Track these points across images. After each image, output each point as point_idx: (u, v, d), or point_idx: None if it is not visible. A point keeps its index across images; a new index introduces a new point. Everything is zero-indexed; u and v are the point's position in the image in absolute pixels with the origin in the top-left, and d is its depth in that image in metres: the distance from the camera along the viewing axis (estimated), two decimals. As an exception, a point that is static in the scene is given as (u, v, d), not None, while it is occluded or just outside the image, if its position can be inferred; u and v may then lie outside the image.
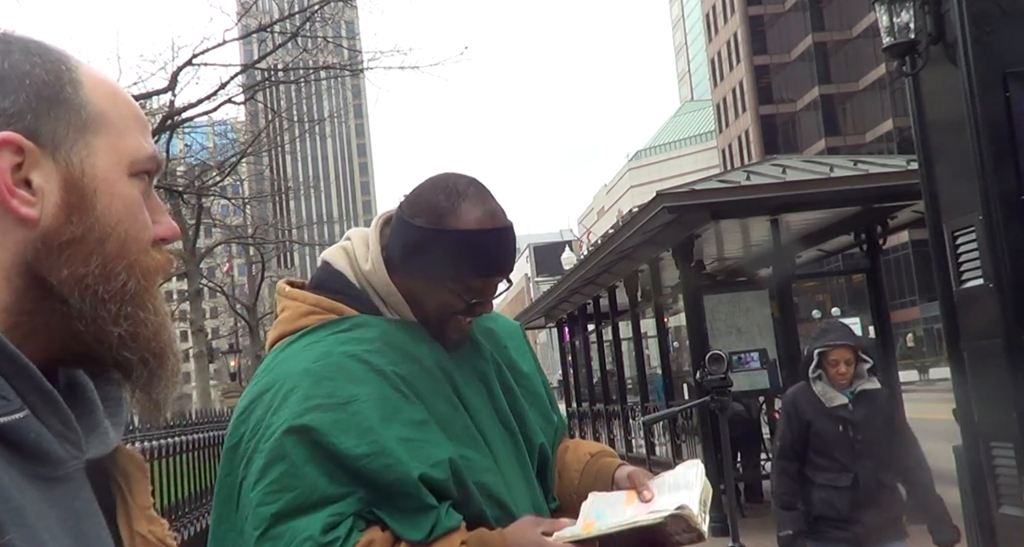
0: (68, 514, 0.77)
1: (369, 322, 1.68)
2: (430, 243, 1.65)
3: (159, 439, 5.14)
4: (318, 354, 1.62)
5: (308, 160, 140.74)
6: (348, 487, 1.54)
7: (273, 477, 1.54)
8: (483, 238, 1.65)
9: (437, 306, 1.68)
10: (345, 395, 1.57)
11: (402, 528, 1.55)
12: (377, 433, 1.55)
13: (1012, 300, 4.92)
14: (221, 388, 34.79)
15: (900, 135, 55.12)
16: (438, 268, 1.65)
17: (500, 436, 1.73)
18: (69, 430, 0.78)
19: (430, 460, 1.56)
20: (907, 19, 5.59)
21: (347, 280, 1.73)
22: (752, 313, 10.18)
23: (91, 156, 0.82)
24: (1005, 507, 5.12)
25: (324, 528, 1.51)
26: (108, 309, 0.81)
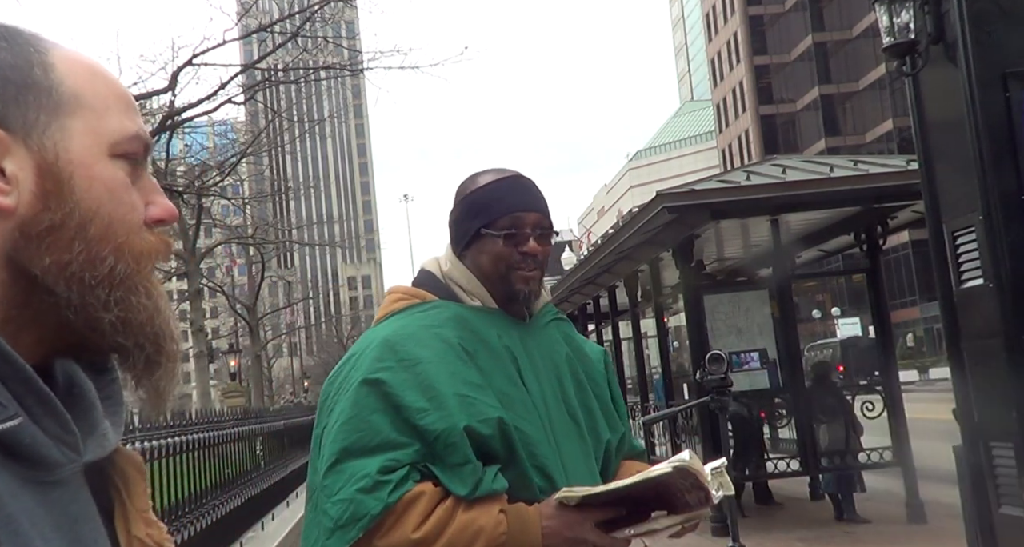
0: (64, 519, 0.75)
1: (445, 305, 1.92)
2: (462, 212, 1.96)
3: (159, 439, 5.14)
4: (397, 327, 1.88)
5: (308, 160, 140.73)
6: (408, 438, 1.73)
7: (344, 420, 1.77)
8: (496, 185, 1.94)
9: (493, 261, 1.90)
10: (413, 358, 1.80)
11: (449, 481, 1.72)
12: (436, 390, 1.76)
13: (1012, 300, 4.92)
14: (221, 388, 34.79)
15: (900, 135, 55.11)
16: (472, 223, 1.92)
17: (565, 422, 1.89)
18: (66, 433, 0.76)
19: (479, 416, 1.75)
20: (907, 19, 5.59)
21: (435, 277, 1.99)
22: (752, 313, 10.18)
23: (65, 139, 0.80)
24: (1005, 507, 5.12)
25: (382, 469, 1.71)
26: (97, 295, 0.79)
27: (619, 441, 2.01)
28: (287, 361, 65.95)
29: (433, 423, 1.73)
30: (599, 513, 1.73)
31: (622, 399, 2.16)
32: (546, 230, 1.93)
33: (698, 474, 1.68)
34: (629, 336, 13.38)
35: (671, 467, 1.66)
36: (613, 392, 2.08)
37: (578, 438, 1.89)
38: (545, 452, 1.80)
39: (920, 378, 38.95)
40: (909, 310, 56.02)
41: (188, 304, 27.02)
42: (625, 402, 9.08)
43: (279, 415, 11.17)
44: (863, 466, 9.55)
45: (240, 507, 7.05)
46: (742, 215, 9.62)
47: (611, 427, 1.99)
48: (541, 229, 1.92)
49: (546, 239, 1.93)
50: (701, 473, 1.69)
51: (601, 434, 1.95)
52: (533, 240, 1.90)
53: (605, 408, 2.00)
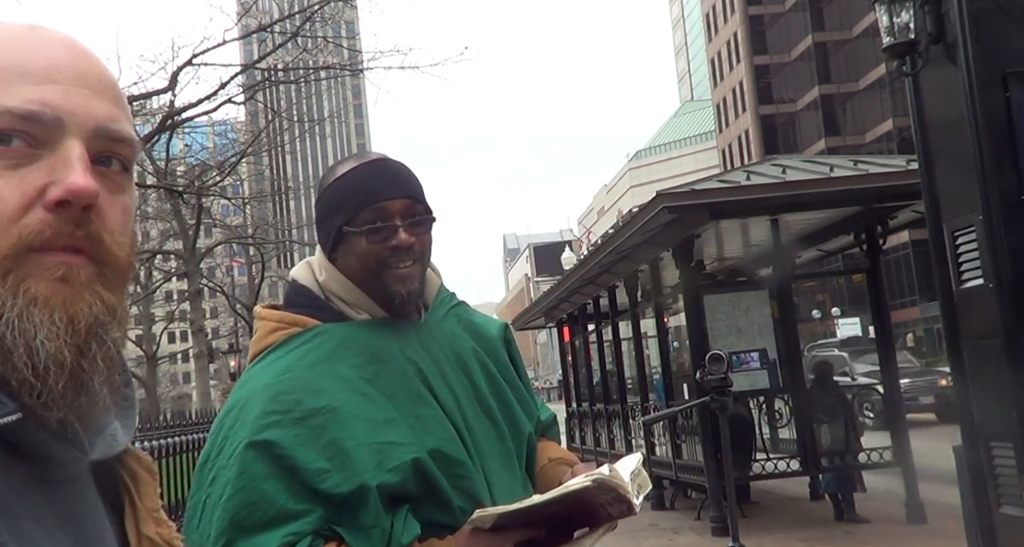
0: (70, 516, 0.75)
1: (329, 330, 1.69)
2: (322, 210, 1.74)
3: (159, 439, 5.14)
4: (279, 369, 1.63)
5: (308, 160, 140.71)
6: (308, 504, 1.53)
7: (232, 492, 1.54)
8: (354, 173, 1.71)
9: (362, 260, 1.69)
10: (304, 409, 1.57)
11: (358, 544, 1.54)
12: (337, 445, 1.56)
13: (1012, 300, 4.92)
14: (221, 388, 34.79)
15: (900, 135, 55.10)
16: (333, 222, 1.71)
17: (483, 426, 1.74)
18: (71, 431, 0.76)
19: (390, 464, 1.57)
20: (907, 19, 5.59)
21: (311, 292, 1.75)
22: (752, 313, 10.18)
23: None
24: (1005, 507, 5.11)
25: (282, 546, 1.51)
26: None
27: (535, 424, 1.87)
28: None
29: (337, 486, 1.53)
30: (517, 534, 1.58)
31: (525, 370, 1.99)
32: (419, 217, 1.69)
33: (619, 488, 1.58)
34: (629, 336, 13.35)
35: (590, 481, 1.56)
36: (517, 366, 1.92)
37: (498, 440, 1.75)
38: (467, 472, 1.65)
39: (920, 378, 38.90)
40: (909, 310, 56.00)
41: (188, 304, 27.01)
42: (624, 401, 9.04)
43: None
44: (863, 466, 9.55)
45: (240, 507, 7.05)
46: (742, 215, 9.61)
47: (528, 413, 1.85)
48: (412, 217, 1.68)
49: (421, 227, 1.70)
50: (623, 486, 1.59)
51: (522, 428, 1.80)
52: (403, 231, 1.67)
53: (518, 393, 1.85)
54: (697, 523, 9.90)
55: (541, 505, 1.56)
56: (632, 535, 9.32)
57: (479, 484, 1.66)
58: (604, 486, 1.57)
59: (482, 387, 1.78)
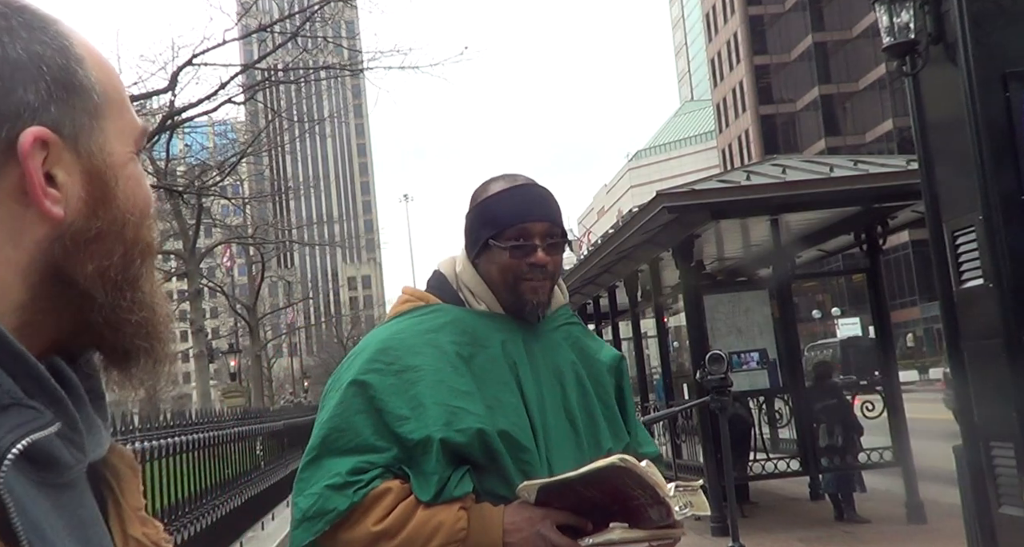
0: (75, 522, 0.73)
1: (446, 308, 1.96)
2: (473, 220, 1.98)
3: (159, 439, 5.13)
4: (395, 331, 1.93)
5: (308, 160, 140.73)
6: (386, 443, 1.79)
7: (329, 417, 1.83)
8: (505, 195, 1.95)
9: (502, 271, 1.92)
10: (402, 364, 1.84)
11: (417, 486, 1.77)
12: (418, 399, 1.80)
13: (1012, 300, 4.92)
14: (221, 388, 34.80)
15: (900, 135, 55.11)
16: (481, 233, 1.94)
17: (562, 428, 1.91)
18: (75, 433, 0.74)
19: (457, 425, 1.78)
20: (907, 19, 5.59)
21: (446, 280, 2.02)
22: (752, 313, 10.18)
23: (107, 144, 0.78)
24: (1005, 507, 5.11)
25: (354, 470, 1.77)
26: (126, 296, 0.78)
27: (623, 449, 1.97)
28: (287, 361, 65.93)
29: (411, 432, 1.77)
30: (561, 515, 1.75)
31: (633, 407, 2.15)
32: (556, 239, 1.93)
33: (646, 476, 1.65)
34: (629, 336, 13.37)
35: (617, 459, 1.66)
36: (624, 399, 2.09)
37: (574, 444, 1.90)
38: (530, 458, 1.82)
39: (920, 378, 38.97)
40: (909, 310, 56.01)
41: (188, 304, 27.01)
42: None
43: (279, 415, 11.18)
44: (863, 466, 9.55)
45: (240, 507, 7.05)
46: (742, 215, 9.61)
47: (614, 434, 1.99)
48: (550, 239, 1.92)
49: (556, 249, 1.93)
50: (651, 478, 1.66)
51: (602, 441, 1.94)
52: (541, 251, 1.91)
53: (610, 415, 2.00)
54: (697, 523, 9.90)
55: (575, 479, 1.68)
56: (632, 535, 9.31)
57: (540, 472, 1.81)
58: (634, 473, 1.65)
59: (571, 396, 1.95)
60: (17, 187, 0.74)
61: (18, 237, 0.74)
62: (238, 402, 26.57)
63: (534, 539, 1.73)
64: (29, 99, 0.74)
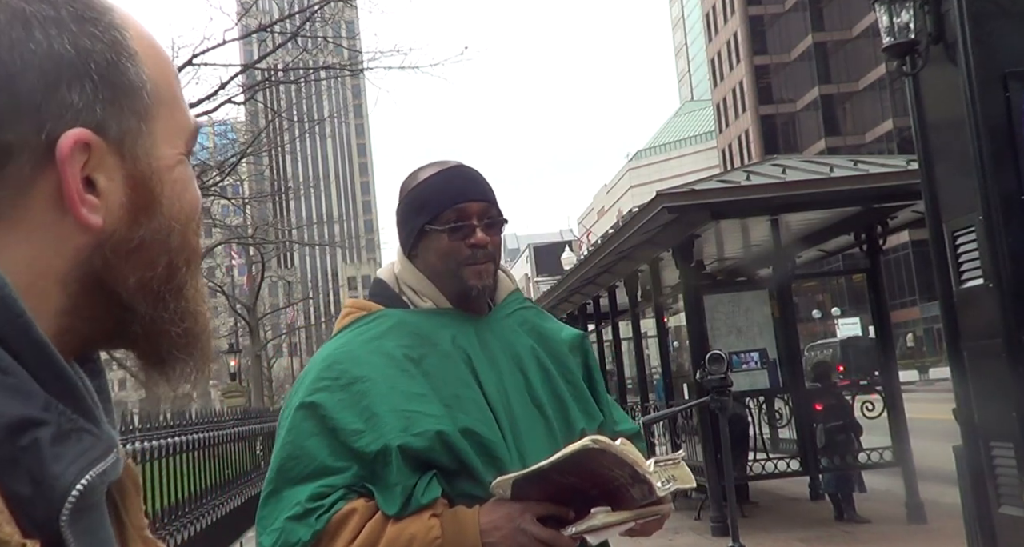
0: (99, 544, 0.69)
1: (388, 314, 1.89)
2: (405, 211, 1.93)
3: (159, 439, 5.14)
4: (338, 345, 1.87)
5: (308, 160, 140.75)
6: (345, 462, 1.72)
7: (282, 445, 1.77)
8: (435, 178, 1.91)
9: (442, 257, 1.87)
10: (349, 377, 1.77)
11: (381, 500, 1.71)
12: (372, 410, 1.73)
13: (1012, 300, 4.92)
14: (221, 388, 34.78)
15: (900, 135, 55.09)
16: (416, 221, 1.89)
17: (529, 416, 1.85)
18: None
19: (414, 430, 1.72)
20: (907, 19, 5.59)
21: (386, 285, 1.96)
22: (752, 313, 10.17)
23: (155, 147, 0.72)
24: (1005, 507, 5.11)
25: (311, 496, 1.70)
26: (168, 307, 0.73)
27: (598, 428, 1.93)
28: (287, 361, 65.93)
29: (367, 445, 1.71)
30: (540, 507, 1.68)
31: (603, 383, 2.09)
32: (493, 219, 1.88)
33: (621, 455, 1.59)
34: (629, 336, 13.36)
35: (589, 441, 1.59)
36: (592, 378, 2.03)
37: (545, 430, 1.84)
38: (499, 452, 1.76)
39: (920, 378, 38.95)
40: (909, 310, 55.99)
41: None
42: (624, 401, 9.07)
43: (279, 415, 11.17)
44: (863, 466, 9.55)
45: (240, 507, 7.04)
46: (742, 215, 9.61)
47: (586, 414, 1.93)
48: (488, 219, 1.87)
49: (494, 228, 1.88)
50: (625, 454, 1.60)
51: (573, 423, 1.88)
52: (480, 231, 1.85)
53: (578, 394, 1.94)
54: (697, 523, 9.90)
55: (548, 467, 1.62)
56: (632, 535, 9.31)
57: (512, 465, 1.75)
58: (609, 453, 1.59)
59: (534, 381, 1.89)
60: (56, 192, 0.69)
61: (58, 244, 0.70)
62: (238, 402, 26.56)
63: (515, 535, 1.66)
64: (73, 99, 0.69)
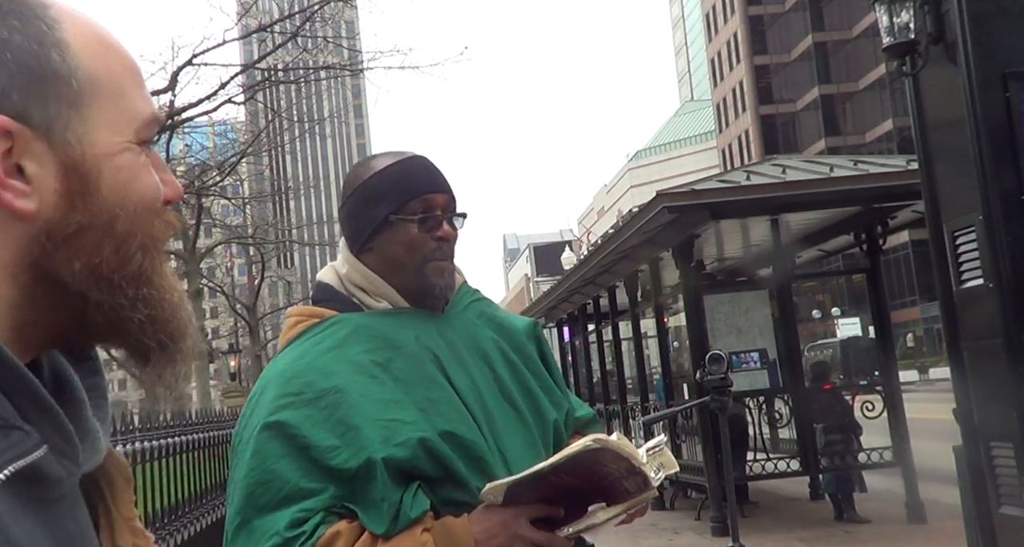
0: (63, 537, 0.70)
1: (344, 319, 1.75)
2: (360, 202, 1.78)
3: (159, 439, 5.13)
4: (295, 356, 1.71)
5: (308, 160, 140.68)
6: (320, 482, 1.57)
7: (247, 471, 1.60)
8: (398, 167, 1.78)
9: (407, 251, 1.75)
10: (315, 390, 1.63)
11: (368, 520, 1.57)
12: (346, 423, 1.60)
13: (1012, 300, 4.92)
14: (221, 388, 34.75)
15: (900, 135, 55.09)
16: (377, 211, 1.75)
17: (504, 412, 1.76)
18: (69, 446, 0.71)
19: (395, 440, 1.60)
20: (907, 19, 5.59)
21: (332, 288, 1.81)
22: (752, 313, 10.18)
23: (89, 132, 0.73)
24: (1005, 507, 5.11)
25: (291, 524, 1.55)
26: (126, 294, 0.74)
27: (565, 417, 1.88)
28: (287, 361, 65.82)
29: (346, 461, 1.57)
30: (533, 510, 1.61)
31: (558, 368, 2.02)
32: (458, 213, 1.80)
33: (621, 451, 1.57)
34: (629, 336, 13.35)
35: (591, 440, 1.56)
36: (549, 365, 1.95)
37: (521, 426, 1.76)
38: (480, 452, 1.67)
39: (920, 378, 38.94)
40: (909, 310, 55.99)
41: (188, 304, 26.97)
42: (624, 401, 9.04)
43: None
44: (863, 466, 9.55)
45: (240, 507, 7.04)
46: (742, 215, 9.61)
47: (555, 404, 1.87)
48: (451, 212, 1.79)
49: (458, 221, 1.80)
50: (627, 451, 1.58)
51: (546, 415, 1.81)
52: (446, 223, 1.76)
53: (544, 385, 1.87)
54: (697, 523, 9.90)
55: (547, 470, 1.56)
56: (632, 535, 9.32)
57: (495, 465, 1.68)
58: (608, 450, 1.57)
59: (503, 375, 1.80)
60: None
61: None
62: (238, 402, 26.54)
63: (511, 542, 1.59)
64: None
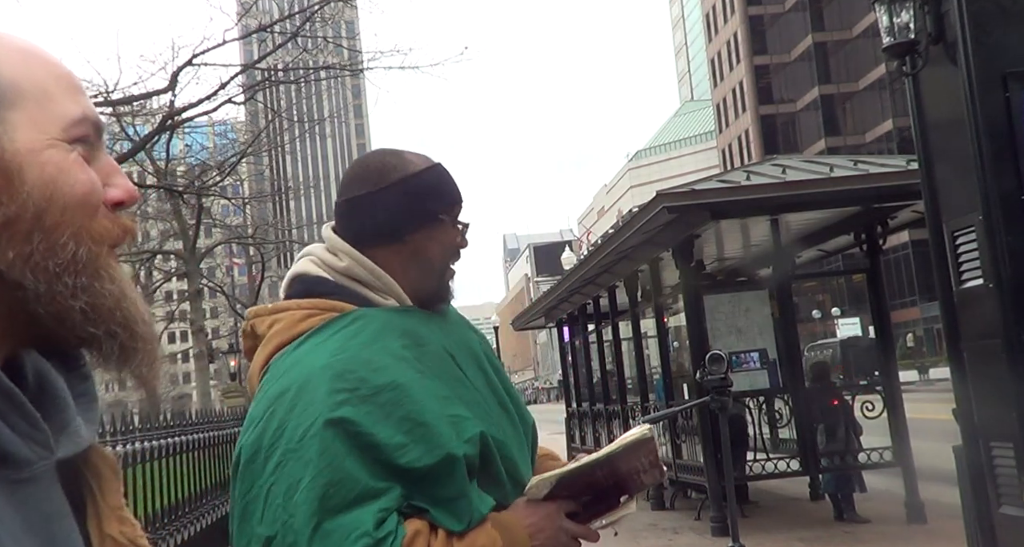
0: (36, 517, 0.75)
1: (368, 313, 1.66)
2: (411, 191, 1.70)
3: (159, 439, 5.14)
4: (332, 350, 1.58)
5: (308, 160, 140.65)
6: (385, 482, 1.51)
7: (316, 472, 1.49)
8: (439, 170, 1.75)
9: (441, 251, 1.72)
10: (370, 386, 1.54)
11: (443, 517, 1.53)
12: (413, 419, 1.53)
13: (1012, 300, 4.92)
14: (221, 388, 34.75)
15: (900, 135, 55.09)
16: (427, 206, 1.70)
17: (502, 413, 1.73)
18: (36, 430, 0.75)
19: (464, 436, 1.56)
20: (907, 19, 5.59)
21: (332, 282, 1.71)
22: (752, 313, 10.18)
23: (9, 132, 0.78)
24: (1005, 507, 5.11)
25: (376, 523, 1.48)
26: (64, 283, 0.78)
27: None
28: (287, 361, 65.78)
29: (419, 459, 1.51)
30: (565, 504, 1.65)
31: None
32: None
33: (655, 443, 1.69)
34: (629, 336, 13.35)
35: (647, 429, 1.65)
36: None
37: (511, 424, 1.75)
38: (510, 453, 1.66)
39: (920, 378, 38.96)
40: (909, 310, 55.99)
41: (188, 304, 27.02)
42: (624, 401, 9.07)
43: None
44: (863, 466, 9.55)
45: (240, 507, 7.05)
46: (742, 215, 9.61)
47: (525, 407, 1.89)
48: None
49: None
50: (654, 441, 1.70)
51: (527, 418, 1.82)
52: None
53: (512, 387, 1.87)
54: (697, 523, 9.90)
55: (602, 460, 1.62)
56: (632, 535, 9.32)
57: (522, 464, 1.69)
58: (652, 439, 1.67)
59: (493, 378, 1.77)
60: None
61: None
62: (238, 402, 26.53)
63: (557, 535, 1.63)
64: None
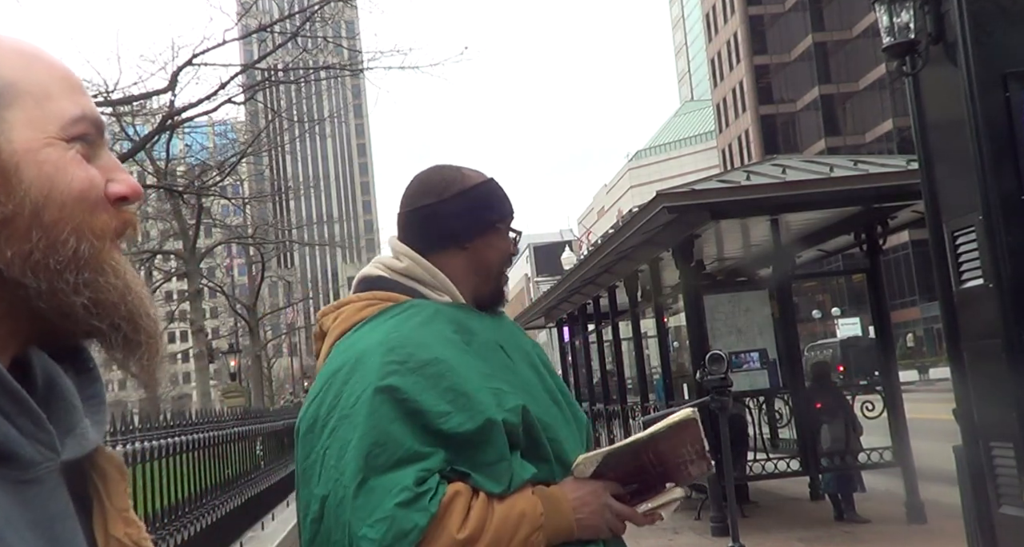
0: (42, 517, 0.75)
1: (422, 303, 1.82)
2: (474, 201, 1.87)
3: (159, 439, 5.13)
4: (387, 330, 1.75)
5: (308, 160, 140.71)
6: (430, 447, 1.63)
7: (363, 433, 1.63)
8: (495, 184, 1.94)
9: (499, 258, 1.89)
10: (418, 360, 1.68)
11: (484, 480, 1.65)
12: (455, 390, 1.66)
13: (1012, 300, 4.91)
14: (221, 388, 34.78)
15: (900, 135, 55.10)
16: (489, 215, 1.88)
17: (553, 408, 1.83)
18: (41, 431, 0.76)
19: (505, 406, 1.68)
20: (907, 19, 5.59)
21: (390, 280, 1.88)
22: (752, 313, 10.18)
23: (6, 132, 0.79)
24: (1005, 507, 5.11)
25: (417, 481, 1.60)
26: (65, 279, 0.78)
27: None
28: (287, 361, 65.90)
29: (461, 425, 1.64)
30: (612, 486, 1.75)
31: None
32: None
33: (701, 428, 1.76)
34: (629, 336, 13.36)
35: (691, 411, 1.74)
36: None
37: (565, 422, 1.84)
38: (556, 434, 1.76)
39: (920, 378, 38.98)
40: (909, 310, 56.00)
41: (188, 304, 27.02)
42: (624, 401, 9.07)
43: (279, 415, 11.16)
44: (863, 466, 9.55)
45: (240, 507, 7.04)
46: (742, 215, 9.61)
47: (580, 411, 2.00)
48: None
49: None
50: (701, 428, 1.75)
51: (580, 417, 1.92)
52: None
53: (569, 394, 1.98)
54: (697, 523, 9.90)
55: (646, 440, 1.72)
56: (632, 535, 9.30)
57: (568, 446, 1.77)
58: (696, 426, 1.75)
59: (545, 377, 1.89)
60: None
61: None
62: (238, 402, 26.55)
63: (601, 511, 1.72)
64: None
